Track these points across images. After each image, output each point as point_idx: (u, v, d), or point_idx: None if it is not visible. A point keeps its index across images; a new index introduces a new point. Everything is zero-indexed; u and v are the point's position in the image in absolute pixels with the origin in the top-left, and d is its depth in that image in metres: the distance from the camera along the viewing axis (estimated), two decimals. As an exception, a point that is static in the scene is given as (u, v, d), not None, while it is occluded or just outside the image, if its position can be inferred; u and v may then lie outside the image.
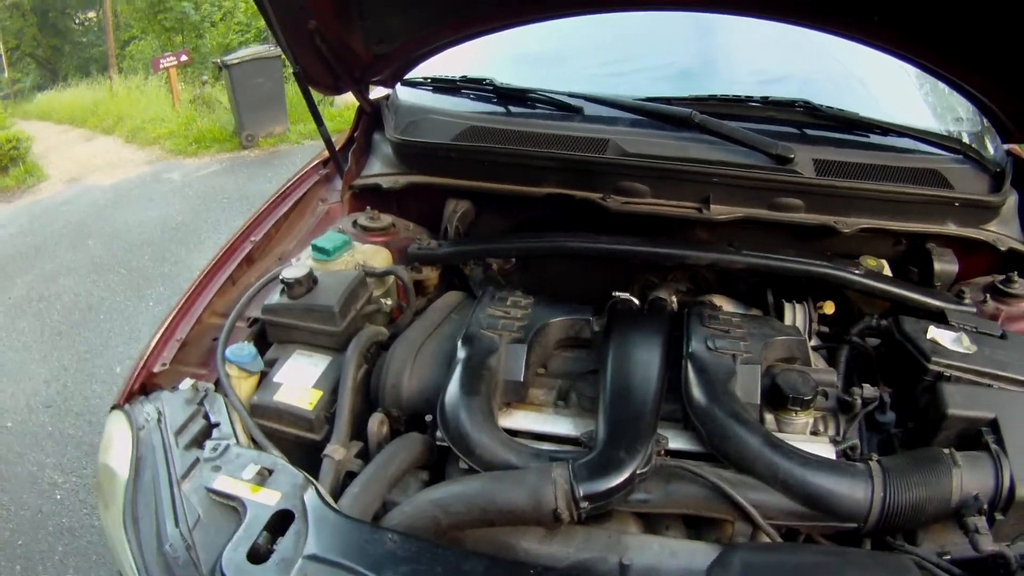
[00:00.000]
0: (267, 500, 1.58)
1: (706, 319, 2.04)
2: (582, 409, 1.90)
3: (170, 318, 2.23)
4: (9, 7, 33.08)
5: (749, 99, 2.45)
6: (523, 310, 2.07)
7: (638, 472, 1.60)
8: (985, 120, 2.47)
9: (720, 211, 2.34)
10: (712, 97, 2.45)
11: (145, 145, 14.15)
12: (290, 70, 2.50)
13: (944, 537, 1.64)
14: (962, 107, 2.55)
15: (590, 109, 2.50)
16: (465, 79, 2.66)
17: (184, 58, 14.67)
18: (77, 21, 36.62)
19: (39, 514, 4.54)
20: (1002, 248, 2.38)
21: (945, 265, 2.33)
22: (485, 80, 2.62)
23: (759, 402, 1.83)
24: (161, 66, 14.50)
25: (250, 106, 11.65)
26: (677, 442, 1.77)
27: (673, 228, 2.41)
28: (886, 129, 2.38)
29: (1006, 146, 2.51)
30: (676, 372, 1.87)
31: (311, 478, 1.65)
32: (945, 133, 2.47)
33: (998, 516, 1.60)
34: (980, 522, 1.54)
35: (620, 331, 2.01)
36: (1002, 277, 2.32)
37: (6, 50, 36.32)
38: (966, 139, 2.45)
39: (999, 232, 2.40)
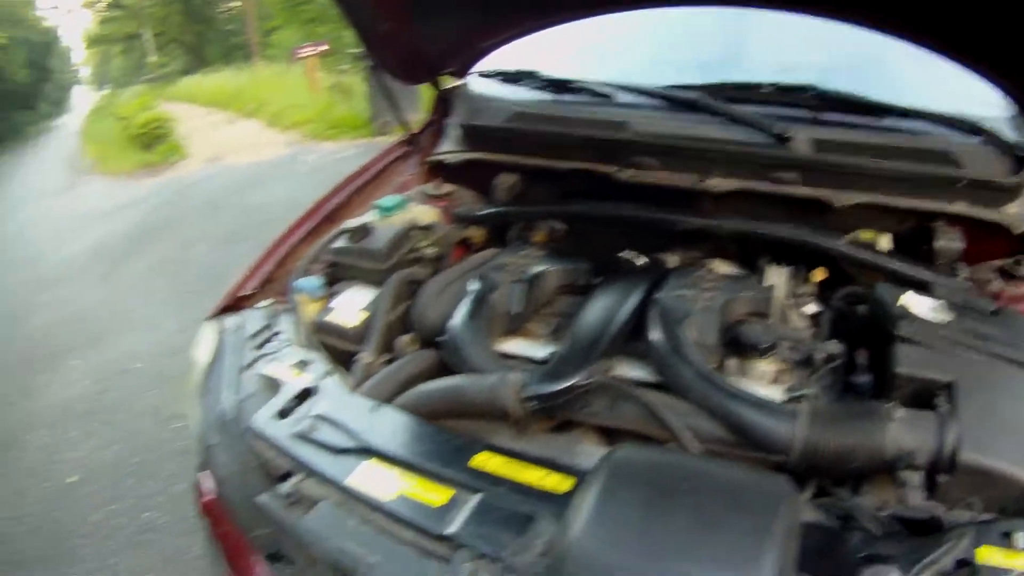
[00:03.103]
0: (301, 381, 2.04)
1: (686, 273, 2.28)
2: None
3: (260, 257, 2.79)
4: (155, -6, 34.27)
5: (760, 85, 2.63)
6: (532, 260, 2.47)
7: (579, 383, 1.86)
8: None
9: (717, 183, 2.53)
10: (727, 84, 2.66)
11: (285, 129, 14.71)
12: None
13: (888, 493, 1.65)
14: (990, 91, 2.49)
15: (619, 96, 2.79)
16: (519, 71, 3.01)
17: (323, 48, 15.18)
18: (221, 10, 37.77)
19: (157, 440, 5.19)
20: (1016, 231, 2.35)
21: (947, 243, 2.34)
22: (534, 72, 2.96)
23: (712, 343, 2.01)
24: (300, 55, 15.05)
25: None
26: (639, 372, 2.03)
27: (680, 200, 2.63)
28: (898, 111, 2.44)
29: None
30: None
31: (336, 369, 2.11)
32: (967, 117, 2.44)
33: (943, 478, 1.60)
34: (912, 477, 1.57)
35: (609, 279, 2.35)
36: (1012, 259, 2.35)
37: (153, 35, 37.82)
38: (990, 123, 2.42)
39: (1017, 214, 2.39)
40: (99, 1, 43.45)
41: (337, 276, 2.62)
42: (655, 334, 2.01)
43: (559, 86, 2.92)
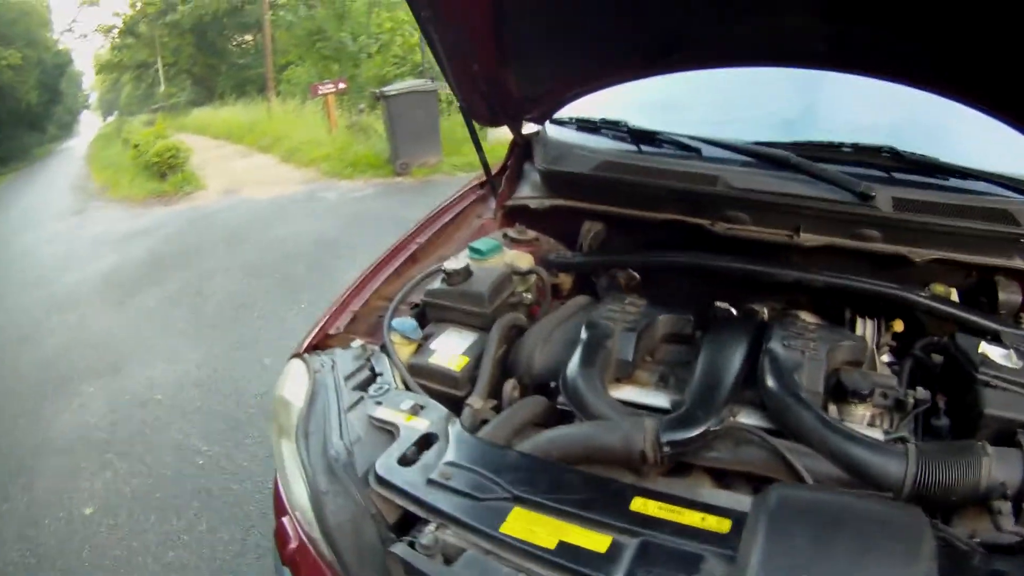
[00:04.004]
0: (417, 426, 1.99)
1: (786, 324, 2.37)
2: (678, 390, 2.25)
3: (345, 294, 2.70)
4: (168, 25, 34.71)
5: (841, 145, 2.72)
6: (637, 308, 2.48)
7: (711, 429, 1.94)
8: None
9: (808, 238, 2.63)
10: (809, 143, 2.74)
11: (302, 165, 14.80)
12: (445, 104, 2.95)
13: (976, 524, 1.78)
14: None
15: (707, 151, 2.84)
16: (604, 121, 3.04)
17: (342, 86, 15.34)
18: (235, 43, 38.16)
19: (179, 475, 5.07)
20: None
21: (1009, 295, 2.53)
22: (621, 122, 3.00)
23: (821, 391, 2.10)
24: (319, 92, 15.22)
25: (405, 136, 12.23)
26: (752, 419, 2.09)
27: (769, 252, 2.70)
28: (965, 173, 2.58)
29: None
30: (756, 365, 2.20)
31: (454, 415, 2.06)
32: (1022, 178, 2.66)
33: None
34: (1005, 506, 1.71)
35: (715, 329, 2.40)
36: None
37: (164, 65, 38.21)
38: None
39: None
40: (114, 27, 43.89)
41: (427, 317, 2.61)
42: (771, 382, 2.10)
43: (644, 138, 2.96)
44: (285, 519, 2.21)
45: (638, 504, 1.68)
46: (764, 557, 1.39)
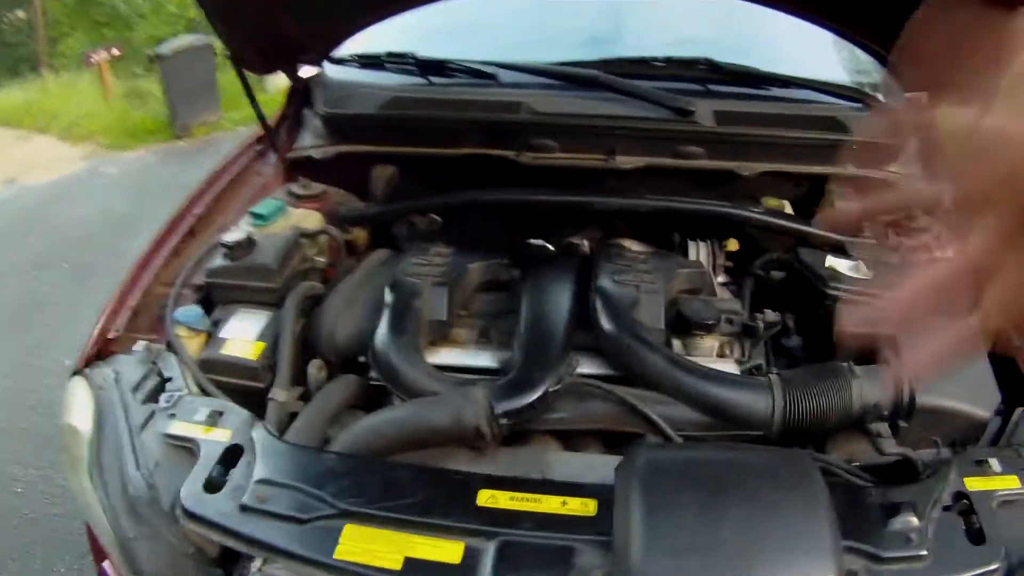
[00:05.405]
0: (219, 438, 1.72)
1: (613, 257, 2.22)
2: (502, 344, 2.07)
3: (120, 289, 2.35)
4: (-67, 11, 32.57)
5: (654, 60, 2.63)
6: (444, 258, 2.27)
7: (551, 389, 1.75)
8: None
9: (625, 160, 2.52)
10: (619, 59, 2.63)
11: (80, 141, 13.95)
12: (221, 59, 2.63)
13: (852, 446, 1.77)
14: (866, 60, 2.73)
15: (504, 76, 2.67)
16: (390, 54, 2.80)
17: (116, 52, 14.57)
18: (4, 22, 36.07)
19: (2, 509, 4.56)
20: None
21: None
22: (408, 54, 2.76)
23: (663, 327, 1.98)
24: (92, 60, 14.39)
25: (183, 96, 11.70)
26: (590, 367, 1.93)
27: (585, 180, 2.59)
28: (786, 82, 2.56)
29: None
30: (586, 306, 2.05)
31: (257, 417, 1.80)
32: (847, 84, 2.67)
33: (903, 424, 1.75)
34: (882, 427, 1.73)
35: (534, 271, 2.22)
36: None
37: (-70, 60, 35.78)
38: (867, 89, 2.64)
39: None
40: None
41: (214, 300, 2.30)
42: (607, 324, 1.95)
43: (434, 68, 2.76)
44: (106, 564, 1.91)
45: (486, 497, 1.51)
46: (647, 539, 1.25)
